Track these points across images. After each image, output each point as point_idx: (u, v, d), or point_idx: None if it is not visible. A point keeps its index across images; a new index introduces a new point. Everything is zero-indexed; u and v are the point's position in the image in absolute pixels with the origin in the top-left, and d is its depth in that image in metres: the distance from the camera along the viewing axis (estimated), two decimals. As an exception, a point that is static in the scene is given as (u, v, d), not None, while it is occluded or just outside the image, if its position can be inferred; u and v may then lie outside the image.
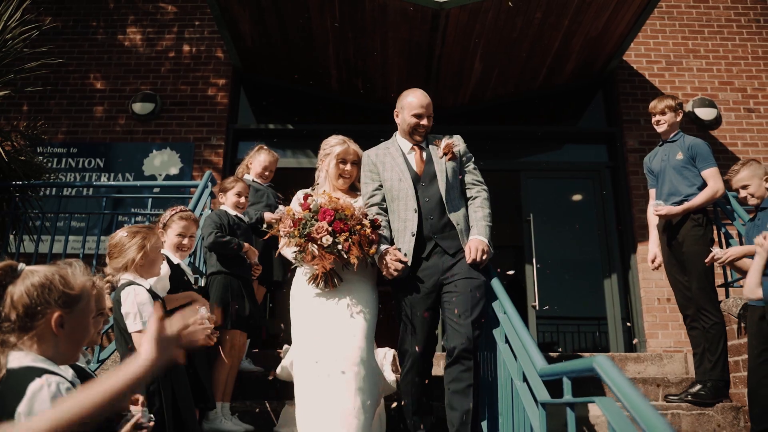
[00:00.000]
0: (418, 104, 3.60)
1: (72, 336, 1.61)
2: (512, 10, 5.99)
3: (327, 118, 7.50)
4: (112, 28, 7.63)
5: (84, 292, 1.65)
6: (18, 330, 1.54)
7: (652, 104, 4.64)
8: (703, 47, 7.44)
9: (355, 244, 3.20)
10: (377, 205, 3.58)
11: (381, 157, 3.65)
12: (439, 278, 3.38)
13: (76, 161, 7.15)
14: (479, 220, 3.49)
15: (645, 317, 6.55)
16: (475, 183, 3.65)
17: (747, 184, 4.01)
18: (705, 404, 4.12)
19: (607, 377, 1.79)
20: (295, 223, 3.23)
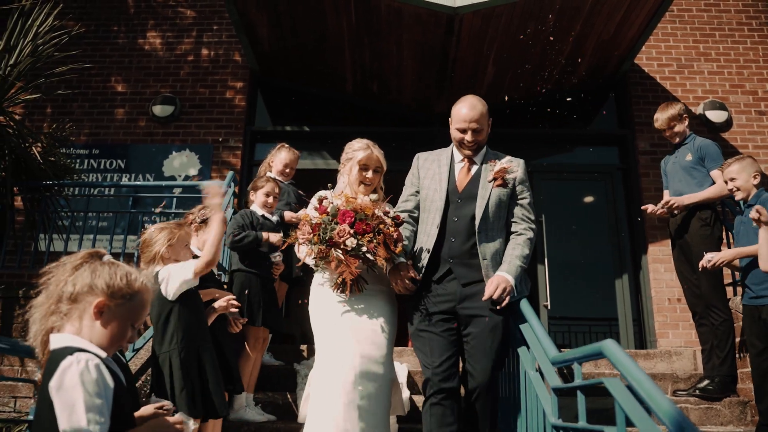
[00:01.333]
0: (462, 117, 3.27)
1: (108, 330, 1.75)
2: (525, 15, 6.18)
3: (342, 120, 7.70)
4: (132, 32, 7.88)
5: (138, 296, 1.81)
6: (69, 300, 1.73)
7: (657, 123, 4.81)
8: (714, 50, 7.59)
9: (381, 244, 3.03)
10: (407, 212, 3.40)
11: (428, 162, 3.45)
12: (455, 306, 3.13)
13: (98, 162, 7.40)
14: (513, 258, 3.15)
15: (656, 317, 6.70)
16: (523, 219, 3.28)
17: (734, 178, 4.11)
18: (713, 399, 4.28)
19: (613, 358, 1.97)
20: (314, 228, 3.07)
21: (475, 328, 3.08)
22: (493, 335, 3.05)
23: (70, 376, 1.60)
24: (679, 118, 4.73)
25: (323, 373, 3.09)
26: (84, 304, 1.73)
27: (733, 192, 4.18)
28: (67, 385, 1.59)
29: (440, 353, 3.07)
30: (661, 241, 6.78)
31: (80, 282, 1.74)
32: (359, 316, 3.19)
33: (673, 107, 4.77)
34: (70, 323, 1.73)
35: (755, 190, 4.10)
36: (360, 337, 3.11)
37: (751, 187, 4.11)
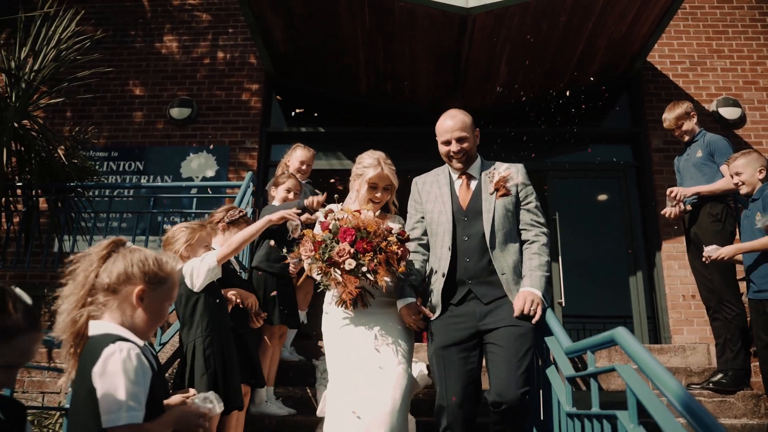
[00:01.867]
0: (442, 130, 3.29)
1: (149, 313, 1.88)
2: (537, 15, 6.27)
3: (356, 121, 7.83)
4: (149, 36, 8.05)
5: (170, 278, 1.94)
6: (106, 290, 1.84)
7: (666, 122, 4.90)
8: (728, 47, 7.63)
9: (382, 263, 2.94)
10: (416, 240, 3.32)
11: (427, 185, 3.39)
12: (476, 325, 3.03)
13: (117, 164, 7.57)
14: (534, 270, 3.07)
15: (670, 314, 6.76)
16: (533, 224, 3.21)
17: (740, 172, 4.17)
18: (726, 392, 4.35)
19: (624, 344, 2.08)
20: (316, 246, 3.02)
21: (499, 337, 2.95)
22: (519, 344, 2.90)
23: (113, 363, 1.71)
24: (687, 117, 4.81)
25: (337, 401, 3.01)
26: (124, 294, 1.85)
27: (738, 186, 4.24)
28: (110, 371, 1.70)
29: (456, 381, 2.95)
30: (674, 238, 6.83)
31: (116, 272, 1.85)
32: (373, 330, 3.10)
33: (680, 106, 4.84)
34: (109, 312, 1.84)
35: (760, 184, 4.16)
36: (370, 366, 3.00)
37: (756, 181, 4.17)
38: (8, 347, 1.46)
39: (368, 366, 3.00)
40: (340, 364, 3.08)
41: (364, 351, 3.04)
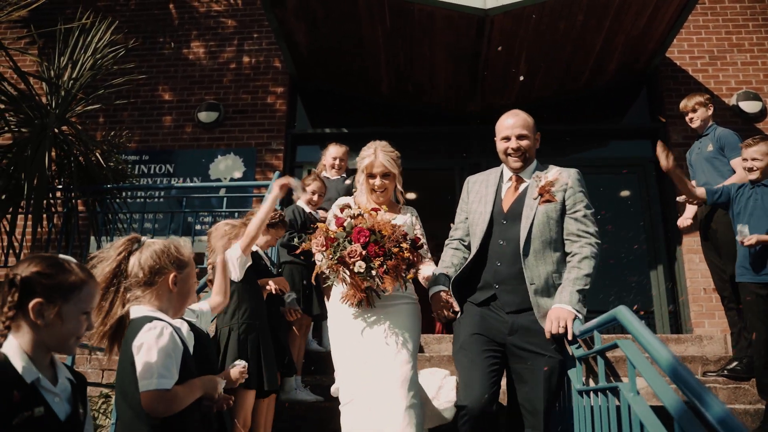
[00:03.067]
0: (505, 126, 3.21)
1: (181, 293, 2.23)
2: (554, 14, 6.46)
3: (379, 121, 8.08)
4: (177, 43, 8.40)
5: (190, 260, 2.28)
6: (143, 285, 2.17)
7: (682, 104, 5.08)
8: (748, 41, 7.74)
9: (391, 269, 2.93)
10: (458, 240, 3.32)
11: (477, 184, 3.34)
12: (506, 337, 2.95)
13: (148, 167, 7.92)
14: (570, 283, 2.94)
15: (691, 307, 6.90)
16: (580, 235, 3.06)
17: (757, 158, 4.25)
18: (740, 379, 4.52)
19: (623, 319, 2.29)
20: (328, 242, 3.01)
21: (529, 368, 2.87)
22: (550, 381, 2.83)
23: (148, 338, 2.04)
24: (704, 105, 5.00)
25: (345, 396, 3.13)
26: (159, 283, 2.18)
27: (751, 171, 4.30)
28: (146, 345, 2.03)
29: (483, 378, 2.86)
30: (695, 232, 6.93)
31: (147, 267, 2.17)
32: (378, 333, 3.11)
33: (698, 95, 5.04)
34: (148, 300, 2.17)
35: None
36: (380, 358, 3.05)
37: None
38: (79, 297, 1.77)
39: (375, 361, 3.02)
40: (347, 357, 3.13)
41: (371, 346, 3.07)
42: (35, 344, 1.70)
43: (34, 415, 1.63)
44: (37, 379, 1.68)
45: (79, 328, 1.79)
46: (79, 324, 1.78)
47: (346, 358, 3.17)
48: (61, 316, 1.72)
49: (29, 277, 1.70)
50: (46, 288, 1.71)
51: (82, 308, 1.78)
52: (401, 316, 3.19)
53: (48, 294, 1.71)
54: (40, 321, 1.69)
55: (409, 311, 3.25)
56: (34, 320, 1.69)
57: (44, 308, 1.70)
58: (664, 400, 1.92)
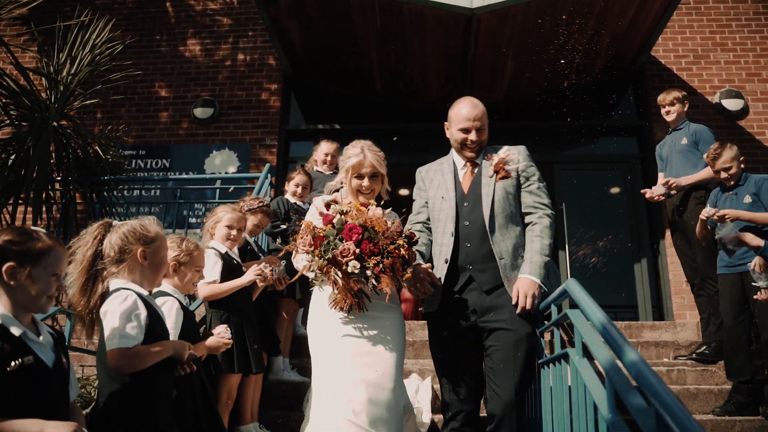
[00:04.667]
0: (465, 116, 3.24)
1: (152, 264, 2.53)
2: (540, 13, 6.73)
3: (372, 118, 8.36)
4: (173, 40, 8.68)
5: (158, 235, 2.58)
6: (116, 262, 2.47)
7: (660, 97, 5.37)
8: (731, 40, 8.01)
9: (388, 269, 2.76)
10: (422, 224, 3.37)
11: (431, 173, 3.42)
12: (477, 320, 3.02)
13: (145, 162, 8.20)
14: (534, 254, 3.05)
15: (673, 299, 7.16)
16: (536, 206, 3.18)
17: (729, 166, 4.54)
18: (708, 362, 4.79)
19: (572, 291, 2.56)
20: (317, 240, 2.82)
21: (498, 343, 2.93)
22: (517, 350, 2.89)
23: (113, 304, 2.37)
24: (681, 101, 5.26)
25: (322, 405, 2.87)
26: (129, 259, 2.48)
27: (728, 182, 4.59)
28: (109, 310, 2.36)
29: (460, 372, 2.99)
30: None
31: (116, 246, 2.47)
32: (363, 338, 2.93)
33: (679, 91, 5.34)
34: (122, 275, 2.47)
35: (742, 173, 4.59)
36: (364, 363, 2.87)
37: (740, 171, 4.59)
38: (47, 261, 2.06)
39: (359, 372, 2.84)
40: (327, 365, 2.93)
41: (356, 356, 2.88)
42: (13, 305, 2.01)
43: (24, 363, 1.92)
44: (24, 333, 1.98)
45: (49, 288, 2.08)
46: (49, 285, 2.08)
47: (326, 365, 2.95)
48: (32, 277, 2.03)
49: (1, 245, 2.01)
50: (17, 254, 2.01)
51: (50, 270, 2.07)
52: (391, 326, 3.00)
53: (19, 258, 2.01)
54: (13, 282, 2.00)
55: (397, 320, 3.07)
56: (8, 282, 1.99)
57: (16, 271, 2.00)
58: (597, 356, 2.18)
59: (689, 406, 4.35)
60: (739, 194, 4.54)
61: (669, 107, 5.33)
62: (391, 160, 3.52)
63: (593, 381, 2.32)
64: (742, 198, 4.46)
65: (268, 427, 4.16)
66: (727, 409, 4.17)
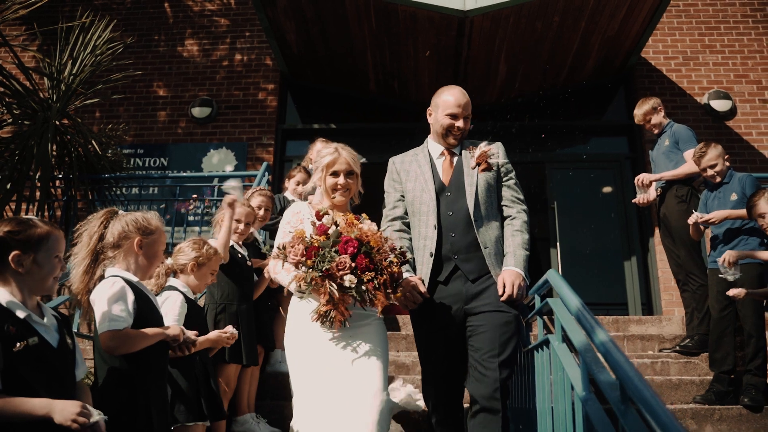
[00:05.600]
0: (455, 103, 3.27)
1: (147, 255, 2.68)
2: (531, 15, 6.92)
3: (366, 118, 8.55)
4: (172, 41, 8.86)
5: (157, 229, 2.74)
6: (113, 247, 2.63)
7: (636, 117, 5.58)
8: (719, 42, 8.22)
9: (382, 285, 2.70)
10: (400, 219, 3.31)
11: (406, 164, 3.38)
12: (462, 307, 3.04)
13: (143, 161, 8.37)
14: (516, 248, 3.11)
15: (662, 296, 7.37)
16: (514, 201, 3.29)
17: (715, 164, 4.74)
18: (691, 354, 4.98)
19: (553, 280, 2.74)
20: (310, 251, 2.70)
21: (485, 323, 2.96)
22: (503, 330, 2.92)
23: (102, 290, 2.53)
24: (654, 111, 5.46)
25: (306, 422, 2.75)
26: (126, 246, 2.63)
27: (714, 179, 4.76)
28: (98, 295, 2.51)
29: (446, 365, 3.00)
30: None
31: (116, 232, 2.63)
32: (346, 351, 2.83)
33: (647, 103, 5.51)
34: (118, 262, 2.63)
35: (728, 171, 4.78)
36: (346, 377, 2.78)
37: (726, 168, 4.78)
38: (48, 245, 2.23)
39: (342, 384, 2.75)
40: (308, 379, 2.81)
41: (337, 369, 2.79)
42: (20, 289, 2.17)
43: (29, 344, 2.09)
44: (28, 315, 2.15)
45: (54, 270, 2.26)
46: (54, 266, 2.25)
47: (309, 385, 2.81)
48: (37, 262, 2.20)
49: (2, 237, 2.18)
50: (19, 242, 2.18)
51: (52, 253, 2.25)
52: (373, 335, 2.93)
53: (22, 246, 2.18)
54: (21, 269, 2.17)
55: (379, 329, 2.99)
56: (16, 269, 2.17)
57: (22, 258, 2.17)
58: (573, 339, 2.37)
59: (672, 396, 4.54)
60: (726, 192, 4.72)
61: (647, 124, 5.56)
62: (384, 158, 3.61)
63: (570, 362, 2.51)
64: (729, 196, 4.65)
65: (264, 416, 4.35)
66: (708, 398, 4.36)
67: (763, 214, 4.27)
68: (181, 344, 2.77)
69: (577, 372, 2.37)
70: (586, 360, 2.23)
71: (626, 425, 1.83)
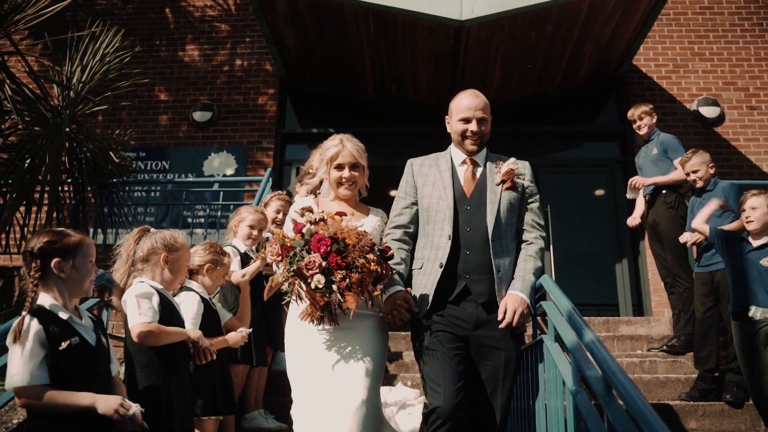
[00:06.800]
0: (466, 106, 3.16)
1: (172, 270, 3.00)
2: (526, 25, 7.20)
3: (365, 122, 8.82)
4: (173, 46, 9.10)
5: (183, 247, 3.06)
6: (142, 261, 2.96)
7: (630, 113, 5.88)
8: (709, 50, 8.54)
9: (355, 284, 2.65)
10: (403, 228, 3.16)
11: (425, 168, 3.24)
12: (470, 332, 2.94)
13: (145, 164, 8.61)
14: (526, 272, 3.00)
15: (652, 297, 7.67)
16: (534, 226, 3.14)
17: (697, 170, 5.05)
18: (678, 353, 5.29)
19: (546, 286, 3.01)
20: (284, 251, 2.73)
21: (490, 362, 2.91)
22: (506, 370, 2.90)
23: (129, 293, 2.85)
24: (649, 113, 5.75)
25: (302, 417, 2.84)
26: (154, 260, 2.96)
27: (696, 183, 5.09)
28: (128, 297, 2.84)
29: (454, 378, 2.83)
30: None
31: (146, 248, 2.97)
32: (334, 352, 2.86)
33: (644, 105, 5.82)
34: (147, 273, 2.95)
35: (712, 178, 5.07)
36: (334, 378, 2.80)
37: (709, 176, 5.08)
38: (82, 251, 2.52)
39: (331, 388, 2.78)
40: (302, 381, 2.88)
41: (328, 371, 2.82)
42: (61, 294, 2.46)
43: (72, 343, 2.38)
44: (70, 317, 2.45)
45: (91, 273, 2.56)
46: (89, 270, 2.55)
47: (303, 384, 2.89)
48: (76, 267, 2.49)
49: (42, 246, 2.46)
50: (58, 250, 2.47)
51: (87, 258, 2.54)
52: (365, 337, 2.93)
53: (61, 254, 2.47)
54: (63, 274, 2.46)
55: (375, 329, 2.99)
56: (58, 275, 2.45)
57: (62, 264, 2.46)
58: (564, 338, 2.64)
59: (659, 393, 4.84)
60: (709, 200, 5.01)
61: (639, 122, 5.83)
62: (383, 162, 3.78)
63: (561, 360, 2.78)
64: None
65: (272, 412, 4.62)
66: (692, 395, 4.66)
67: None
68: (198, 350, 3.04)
69: (568, 368, 2.64)
70: (576, 357, 2.50)
71: (610, 414, 2.11)
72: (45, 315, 2.37)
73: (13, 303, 5.90)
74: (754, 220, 4.20)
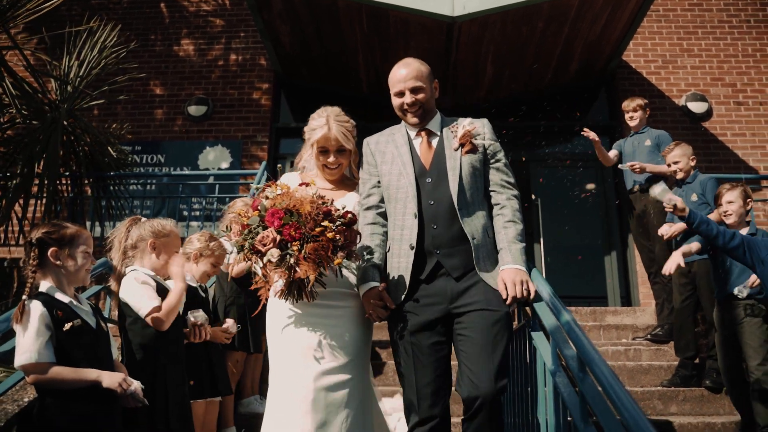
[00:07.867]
0: (396, 79, 3.01)
1: (159, 256, 3.14)
2: (517, 21, 7.37)
3: (359, 116, 8.83)
4: (168, 40, 9.24)
5: (171, 233, 3.21)
6: (132, 248, 3.14)
7: (625, 103, 6.04)
8: (697, 46, 8.73)
9: (311, 253, 2.55)
10: (374, 209, 2.98)
11: (381, 145, 3.06)
12: (448, 307, 2.73)
13: (141, 158, 8.76)
14: (510, 242, 2.79)
15: (640, 289, 7.87)
16: (504, 185, 2.93)
17: (678, 161, 5.25)
18: (661, 342, 5.49)
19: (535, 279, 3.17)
20: (243, 229, 2.68)
21: (474, 324, 2.66)
22: (495, 331, 2.63)
23: (127, 281, 3.04)
24: (643, 108, 5.94)
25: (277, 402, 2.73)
26: (142, 246, 3.13)
27: (676, 174, 5.30)
28: (127, 287, 3.02)
29: (429, 371, 2.68)
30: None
31: (135, 236, 3.14)
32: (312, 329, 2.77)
33: (642, 99, 6.06)
34: (138, 260, 3.14)
35: (693, 171, 5.26)
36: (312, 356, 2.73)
37: (690, 167, 5.26)
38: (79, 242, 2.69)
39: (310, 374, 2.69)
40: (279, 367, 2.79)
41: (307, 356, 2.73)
42: (59, 281, 2.65)
43: (74, 325, 2.56)
44: (70, 301, 2.64)
45: (87, 263, 2.73)
46: (85, 260, 2.72)
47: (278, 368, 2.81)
48: (72, 256, 2.67)
49: (41, 237, 2.66)
50: (55, 240, 2.66)
51: (84, 249, 2.71)
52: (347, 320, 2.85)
53: (58, 243, 2.65)
54: (59, 262, 2.65)
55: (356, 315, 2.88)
56: (54, 263, 2.64)
57: (59, 253, 2.65)
58: (545, 321, 2.82)
59: (642, 380, 5.04)
60: (687, 192, 5.21)
61: (633, 113, 6.00)
62: None
63: (542, 342, 2.96)
64: (690, 196, 5.14)
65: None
66: (674, 382, 4.86)
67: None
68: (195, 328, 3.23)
69: (547, 348, 2.82)
70: (555, 338, 2.68)
71: (583, 389, 2.30)
72: (47, 299, 2.55)
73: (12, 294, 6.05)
74: (732, 214, 4.38)
